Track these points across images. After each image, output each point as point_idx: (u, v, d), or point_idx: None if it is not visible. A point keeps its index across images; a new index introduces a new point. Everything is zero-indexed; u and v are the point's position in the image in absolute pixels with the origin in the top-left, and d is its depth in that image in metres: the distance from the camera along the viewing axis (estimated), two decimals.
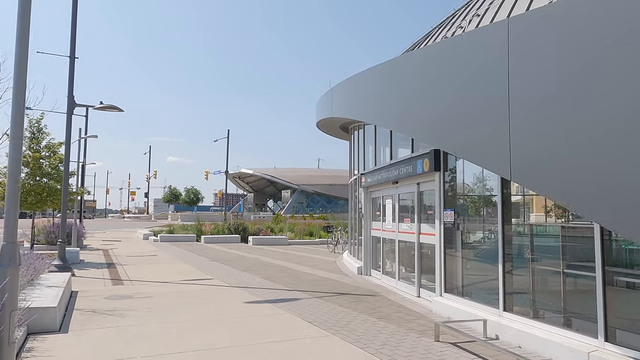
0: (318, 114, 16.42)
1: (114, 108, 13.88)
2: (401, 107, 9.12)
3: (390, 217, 11.47)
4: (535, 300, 6.57)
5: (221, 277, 12.81)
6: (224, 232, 28.95)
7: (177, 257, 18.19)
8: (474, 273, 8.06)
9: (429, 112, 8.05)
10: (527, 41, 5.66)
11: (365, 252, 13.21)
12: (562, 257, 6.23)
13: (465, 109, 6.90)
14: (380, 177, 11.69)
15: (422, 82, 8.39)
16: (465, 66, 6.99)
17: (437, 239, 8.58)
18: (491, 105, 6.11)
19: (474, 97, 6.65)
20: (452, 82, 7.34)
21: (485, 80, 6.35)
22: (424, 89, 8.27)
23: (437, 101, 7.81)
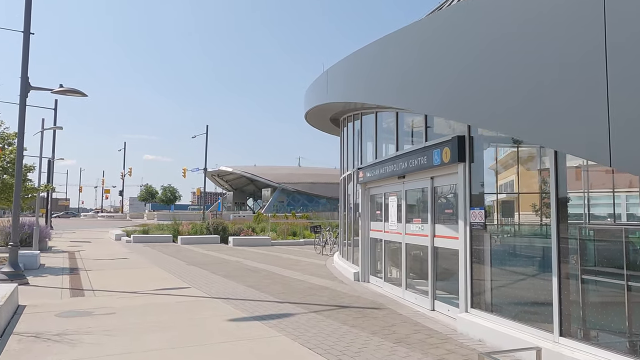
0: (308, 103, 14.90)
1: (75, 92, 12.13)
2: (427, 80, 7.34)
3: (395, 216, 10.03)
4: (604, 322, 5.19)
5: (199, 285, 11.21)
6: (203, 232, 27.23)
7: (151, 261, 16.47)
8: (511, 285, 6.65)
9: (470, 81, 6.27)
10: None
11: (363, 256, 11.76)
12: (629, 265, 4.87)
13: (530, 72, 5.16)
14: (382, 171, 10.24)
15: (458, 39, 6.54)
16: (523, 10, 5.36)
17: (462, 243, 7.17)
18: (577, 63, 4.51)
19: (545, 55, 4.93)
20: (505, 34, 5.63)
21: (567, 23, 4.69)
22: (460, 49, 6.46)
23: (483, 66, 6.10)
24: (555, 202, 5.47)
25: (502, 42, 5.62)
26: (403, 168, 9.20)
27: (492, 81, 5.76)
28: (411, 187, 9.43)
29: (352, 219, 13.58)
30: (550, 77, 4.82)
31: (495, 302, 6.68)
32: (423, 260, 9.10)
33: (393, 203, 10.17)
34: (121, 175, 66.43)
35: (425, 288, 8.77)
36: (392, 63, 8.49)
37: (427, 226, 8.55)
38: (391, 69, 8.50)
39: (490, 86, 5.79)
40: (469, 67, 6.23)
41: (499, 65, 5.64)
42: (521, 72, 5.25)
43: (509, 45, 5.49)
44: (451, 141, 7.35)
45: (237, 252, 20.18)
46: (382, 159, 10.56)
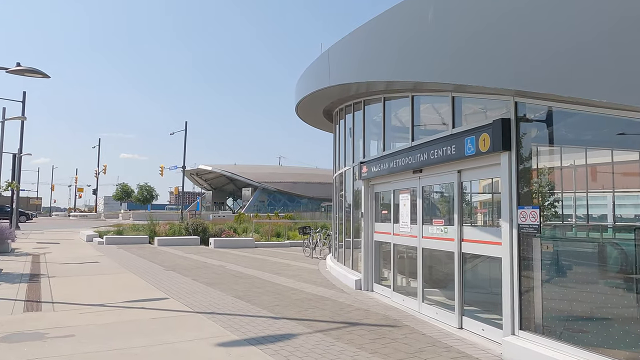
0: (301, 92, 13.48)
1: (35, 72, 10.50)
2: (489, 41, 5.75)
3: (408, 217, 8.71)
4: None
5: (180, 294, 9.71)
6: (181, 233, 25.56)
7: (124, 265, 14.83)
8: (576, 302, 5.36)
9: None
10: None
11: (366, 261, 10.41)
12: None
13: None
14: (393, 164, 8.91)
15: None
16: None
17: (506, 250, 5.86)
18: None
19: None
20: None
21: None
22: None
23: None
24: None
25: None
26: (421, 160, 7.88)
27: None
28: (430, 182, 8.11)
29: (349, 219, 12.23)
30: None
31: (553, 323, 5.40)
32: (445, 268, 7.80)
33: (405, 201, 8.84)
34: (95, 173, 63.80)
35: (449, 302, 7.47)
36: (402, 35, 7.14)
37: (452, 229, 7.24)
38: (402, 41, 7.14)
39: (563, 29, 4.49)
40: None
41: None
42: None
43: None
44: (492, 125, 6.05)
45: (219, 255, 18.64)
46: (392, 151, 9.23)
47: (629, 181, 5.02)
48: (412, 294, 8.62)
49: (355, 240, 11.98)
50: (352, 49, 8.46)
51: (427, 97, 8.28)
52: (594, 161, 5.34)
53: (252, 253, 19.96)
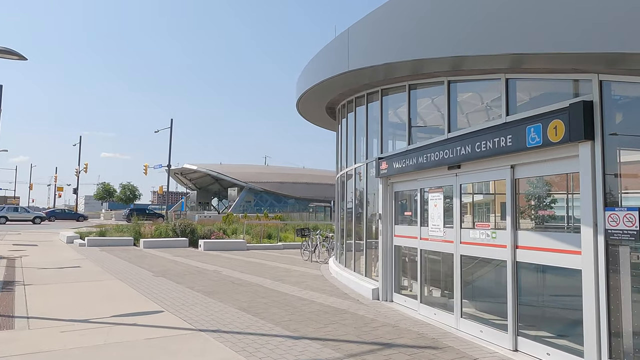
0: (305, 84, 12.34)
1: (10, 53, 9.21)
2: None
3: (440, 219, 7.66)
4: None
5: (176, 307, 8.52)
6: (168, 235, 24.23)
7: (109, 270, 13.52)
8: None
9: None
10: None
11: (385, 268, 9.34)
12: None
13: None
14: (422, 159, 7.85)
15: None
16: None
17: (589, 261, 4.83)
18: None
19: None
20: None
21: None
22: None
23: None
24: None
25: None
26: (461, 155, 6.83)
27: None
28: (471, 179, 7.07)
29: (360, 221, 11.17)
30: None
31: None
32: (490, 279, 6.78)
33: (437, 201, 7.79)
34: (76, 172, 61.57)
35: (497, 318, 6.44)
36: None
37: (503, 234, 6.21)
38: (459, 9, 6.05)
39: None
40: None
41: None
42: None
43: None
44: (568, 110, 5.01)
45: (211, 259, 17.40)
46: (420, 145, 8.17)
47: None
48: (445, 307, 7.57)
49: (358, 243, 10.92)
50: (388, 24, 7.33)
51: (467, 82, 7.23)
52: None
53: (246, 256, 18.76)
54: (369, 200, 10.65)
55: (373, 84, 9.71)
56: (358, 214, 11.40)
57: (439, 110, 7.91)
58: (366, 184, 10.59)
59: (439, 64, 6.88)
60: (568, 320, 5.30)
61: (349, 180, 12.33)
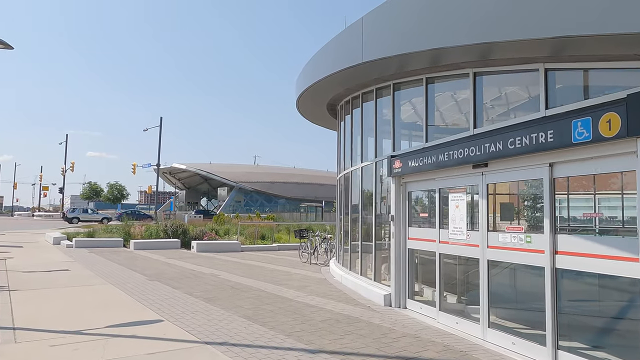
0: (307, 80, 11.77)
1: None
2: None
3: (463, 221, 7.15)
4: None
5: (176, 315, 7.91)
6: (159, 236, 23.48)
7: (100, 273, 12.83)
8: None
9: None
10: None
11: (398, 273, 8.81)
12: None
13: None
14: (442, 157, 7.33)
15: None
16: None
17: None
18: None
19: None
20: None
21: None
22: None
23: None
24: None
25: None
26: (490, 152, 6.32)
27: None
28: (500, 179, 6.57)
29: (365, 222, 10.65)
30: None
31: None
32: (521, 286, 6.28)
33: (459, 202, 7.28)
34: (62, 171, 60.19)
35: (528, 329, 5.95)
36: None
37: (539, 237, 5.71)
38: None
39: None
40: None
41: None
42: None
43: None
44: (626, 101, 4.51)
45: (205, 261, 16.75)
46: (440, 142, 7.66)
47: None
48: (467, 316, 7.07)
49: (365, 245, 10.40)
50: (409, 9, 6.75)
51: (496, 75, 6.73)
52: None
53: (241, 258, 18.14)
54: (377, 201, 10.12)
55: (385, 78, 9.18)
56: (365, 215, 10.87)
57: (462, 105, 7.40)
58: (375, 184, 10.06)
59: (464, 53, 6.36)
60: (615, 332, 4.83)
61: (354, 180, 11.79)
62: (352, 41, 8.41)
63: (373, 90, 10.22)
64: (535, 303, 5.83)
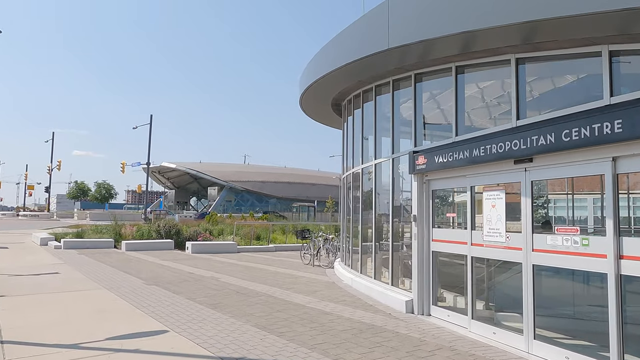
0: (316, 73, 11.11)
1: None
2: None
3: (500, 222, 6.53)
4: None
5: (182, 325, 7.18)
6: (151, 236, 22.64)
7: (92, 277, 12.03)
8: None
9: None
10: None
11: (422, 277, 8.18)
12: None
13: None
14: (477, 152, 6.71)
15: None
16: None
17: None
18: None
19: None
20: None
21: None
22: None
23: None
24: None
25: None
26: (538, 146, 5.70)
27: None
28: (547, 175, 5.95)
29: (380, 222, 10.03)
30: None
31: None
32: (572, 294, 5.67)
33: (496, 201, 6.66)
34: (48, 170, 58.75)
35: (584, 342, 5.33)
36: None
37: (599, 240, 5.10)
38: None
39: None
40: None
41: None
42: None
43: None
44: None
45: (203, 263, 15.99)
46: (474, 135, 7.04)
47: None
48: (506, 326, 6.45)
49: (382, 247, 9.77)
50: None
51: (542, 62, 6.11)
52: None
53: (239, 260, 17.40)
54: (394, 199, 9.49)
55: (406, 67, 8.54)
56: (380, 215, 10.23)
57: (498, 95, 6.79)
58: (393, 181, 9.41)
59: (507, 34, 5.73)
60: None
61: (365, 177, 11.13)
62: (375, 26, 7.74)
63: (389, 82, 9.59)
64: (591, 313, 5.23)
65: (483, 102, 7.64)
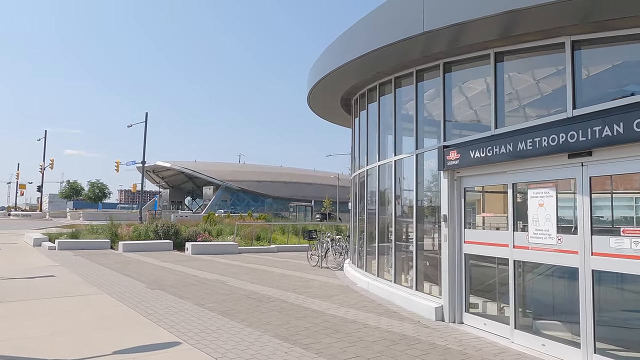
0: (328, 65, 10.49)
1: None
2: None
3: (550, 222, 5.92)
4: None
5: (194, 335, 6.52)
6: (149, 237, 21.92)
7: (91, 280, 11.31)
8: None
9: None
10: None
11: (453, 282, 7.56)
12: None
13: None
14: (522, 146, 6.10)
15: None
16: None
17: None
18: None
19: None
20: None
21: None
22: None
23: None
24: None
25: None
26: (602, 137, 5.10)
27: None
28: (608, 170, 5.35)
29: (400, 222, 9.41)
30: None
31: None
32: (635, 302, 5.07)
33: (545, 199, 6.04)
34: (40, 168, 57.65)
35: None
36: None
37: None
38: None
39: None
40: None
41: None
42: None
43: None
44: None
45: (205, 265, 15.29)
46: (519, 127, 6.43)
47: None
48: (558, 338, 5.84)
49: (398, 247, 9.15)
50: None
51: (602, 46, 5.51)
52: None
53: (242, 261, 16.73)
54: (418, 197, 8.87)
55: (435, 56, 7.91)
56: (400, 214, 9.61)
57: (547, 84, 6.18)
58: (417, 178, 8.79)
59: (562, 12, 5.12)
60: None
61: (383, 175, 10.50)
62: (406, 8, 7.11)
63: (413, 73, 8.96)
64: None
65: (529, 90, 7.02)
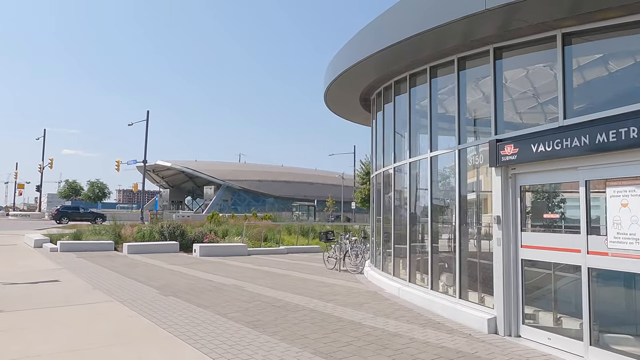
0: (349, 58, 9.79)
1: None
2: None
3: (637, 225, 5.15)
4: None
5: (224, 353, 5.74)
6: (154, 238, 21.13)
7: (98, 285, 10.51)
8: None
9: None
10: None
11: (507, 290, 6.79)
12: None
13: None
14: (602, 138, 5.33)
15: None
16: None
17: None
18: None
19: None
20: None
21: None
22: None
23: None
24: None
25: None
26: None
27: None
28: None
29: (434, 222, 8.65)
30: None
31: None
32: None
33: (631, 199, 5.28)
34: (39, 168, 56.71)
35: None
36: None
37: None
38: None
39: None
40: None
41: None
42: None
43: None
44: None
45: (216, 268, 14.50)
46: (597, 117, 5.66)
47: None
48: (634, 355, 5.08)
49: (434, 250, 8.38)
50: None
51: None
52: None
53: (253, 264, 15.94)
54: (461, 196, 8.11)
55: (484, 40, 7.15)
56: (437, 214, 8.85)
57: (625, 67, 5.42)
58: (459, 175, 8.02)
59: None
60: None
61: (414, 173, 9.73)
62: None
63: (454, 61, 8.20)
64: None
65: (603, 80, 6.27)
